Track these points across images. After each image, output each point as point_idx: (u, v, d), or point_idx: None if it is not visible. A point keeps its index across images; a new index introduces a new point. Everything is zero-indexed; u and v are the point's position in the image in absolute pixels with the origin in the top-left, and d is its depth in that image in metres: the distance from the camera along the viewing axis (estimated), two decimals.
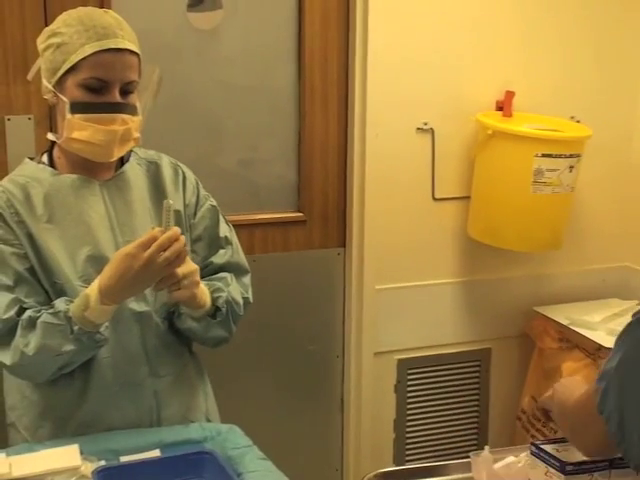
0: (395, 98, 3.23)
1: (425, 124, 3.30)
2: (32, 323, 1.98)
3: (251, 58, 3.17)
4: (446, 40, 3.26)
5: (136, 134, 2.10)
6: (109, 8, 2.78)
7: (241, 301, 2.20)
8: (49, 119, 2.90)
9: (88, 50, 1.99)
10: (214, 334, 2.17)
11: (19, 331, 1.98)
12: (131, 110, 2.06)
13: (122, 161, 2.18)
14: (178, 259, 1.94)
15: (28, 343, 1.97)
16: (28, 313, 1.99)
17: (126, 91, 2.04)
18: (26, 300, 2.02)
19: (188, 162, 2.31)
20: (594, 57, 3.48)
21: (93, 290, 1.95)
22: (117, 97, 2.02)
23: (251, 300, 2.26)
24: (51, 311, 1.98)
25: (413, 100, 3.27)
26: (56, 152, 2.14)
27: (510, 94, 3.28)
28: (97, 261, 2.05)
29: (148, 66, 2.17)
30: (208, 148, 3.18)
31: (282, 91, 3.23)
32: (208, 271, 2.21)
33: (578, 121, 3.44)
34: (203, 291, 2.09)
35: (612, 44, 3.50)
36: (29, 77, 2.17)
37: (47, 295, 2.05)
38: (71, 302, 1.98)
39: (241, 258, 2.29)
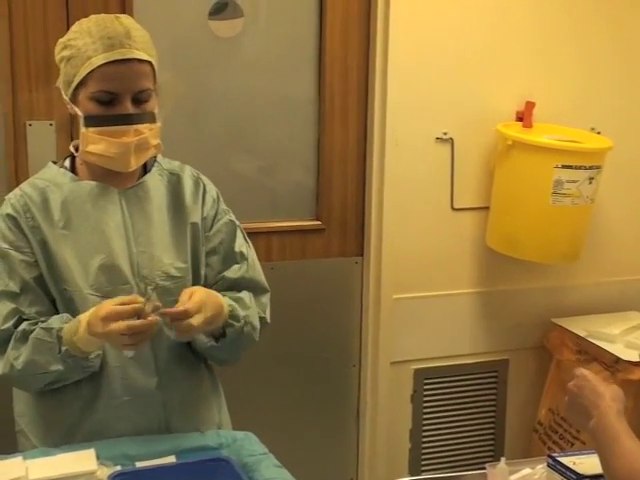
0: (415, 107, 3.23)
1: (445, 134, 3.30)
2: (25, 337, 2.00)
3: (272, 66, 3.17)
4: (467, 50, 3.26)
5: (155, 141, 2.08)
6: (131, 14, 2.81)
7: (258, 325, 2.17)
8: (70, 125, 2.92)
9: (95, 63, 1.98)
10: (217, 356, 2.17)
11: (12, 343, 2.00)
12: (146, 118, 2.05)
13: (145, 169, 2.17)
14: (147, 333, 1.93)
15: (18, 356, 1.99)
16: (23, 326, 2.01)
17: (139, 100, 2.02)
18: (27, 311, 2.03)
19: (206, 169, 2.31)
20: (615, 68, 3.46)
21: (85, 317, 1.96)
22: (129, 108, 2.01)
23: (268, 320, 2.23)
24: (44, 326, 1.99)
25: (433, 109, 3.26)
26: (78, 158, 2.14)
27: (530, 105, 3.28)
28: (109, 270, 2.05)
29: (165, 74, 2.17)
30: (227, 155, 3.19)
31: (302, 99, 3.24)
32: (220, 286, 2.18)
33: (598, 132, 3.43)
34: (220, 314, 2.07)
35: (634, 55, 3.48)
36: (57, 84, 2.14)
37: (52, 304, 2.06)
38: (67, 322, 1.99)
39: (257, 275, 2.24)
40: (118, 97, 2.00)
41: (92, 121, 2.02)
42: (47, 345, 1.98)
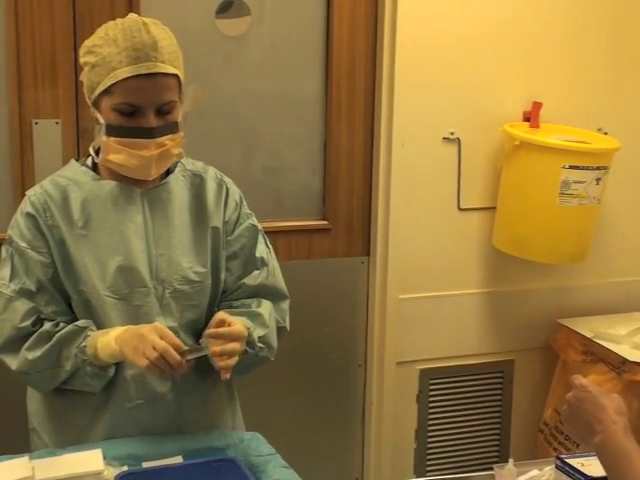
0: (422, 107, 3.23)
1: (452, 134, 3.29)
2: (49, 337, 2.00)
3: (278, 65, 3.17)
4: (474, 50, 3.25)
5: (177, 150, 2.06)
6: (137, 14, 2.81)
7: (275, 344, 2.15)
8: (76, 123, 2.92)
9: (119, 75, 1.95)
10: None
11: (31, 342, 2.00)
12: (170, 129, 2.02)
13: (168, 170, 2.14)
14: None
15: (36, 351, 2.00)
16: (47, 327, 2.01)
17: (163, 111, 2.00)
18: (44, 310, 2.03)
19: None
20: (622, 69, 3.46)
21: (117, 331, 1.97)
22: (151, 121, 1.98)
23: (287, 328, 2.22)
24: (73, 325, 2.01)
25: (440, 110, 3.26)
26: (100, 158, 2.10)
27: (537, 105, 3.27)
28: (127, 272, 2.04)
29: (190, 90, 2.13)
30: (233, 154, 3.18)
31: (309, 98, 3.23)
32: (240, 293, 2.17)
33: (605, 133, 3.42)
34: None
35: None
36: (81, 78, 2.10)
37: (68, 305, 2.06)
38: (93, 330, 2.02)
39: (278, 282, 2.23)
40: (141, 109, 1.97)
41: (114, 131, 1.99)
42: (70, 341, 1.99)
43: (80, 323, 2.02)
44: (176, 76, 2.01)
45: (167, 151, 2.03)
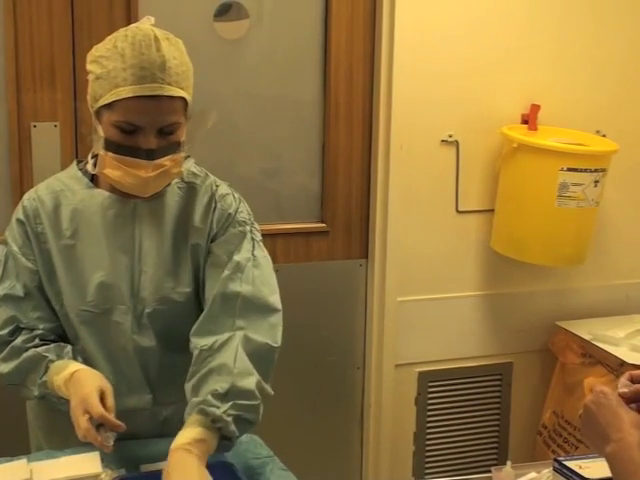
0: (420, 110, 3.23)
1: (450, 136, 3.29)
2: (19, 353, 2.00)
3: (276, 68, 3.17)
4: (472, 52, 3.26)
5: (176, 170, 1.99)
6: (135, 17, 2.82)
7: (253, 385, 1.90)
8: (74, 126, 2.92)
9: (122, 94, 1.88)
10: None
11: (4, 354, 2.01)
12: (171, 150, 1.96)
13: None
14: None
15: (8, 365, 2.01)
16: (19, 342, 2.01)
17: (165, 132, 1.93)
18: (29, 315, 2.02)
19: (211, 171, 2.24)
20: (620, 71, 3.46)
21: (62, 378, 1.94)
22: (151, 142, 1.91)
23: (277, 345, 1.98)
24: (41, 351, 1.99)
25: (438, 112, 3.26)
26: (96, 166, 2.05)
27: (535, 107, 3.27)
28: (108, 288, 2.01)
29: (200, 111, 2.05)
30: (231, 157, 3.18)
31: (307, 101, 3.23)
32: (213, 302, 1.99)
33: (604, 135, 3.42)
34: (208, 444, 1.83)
35: (639, 58, 3.48)
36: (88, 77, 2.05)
37: (54, 310, 2.05)
38: (62, 357, 1.99)
39: (260, 292, 2.00)
40: (142, 129, 1.90)
41: (112, 147, 1.93)
42: (33, 367, 1.99)
43: (41, 350, 2.00)
44: (182, 99, 1.96)
45: (166, 171, 1.96)
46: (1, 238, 2.14)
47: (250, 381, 1.90)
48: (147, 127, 1.91)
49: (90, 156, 2.07)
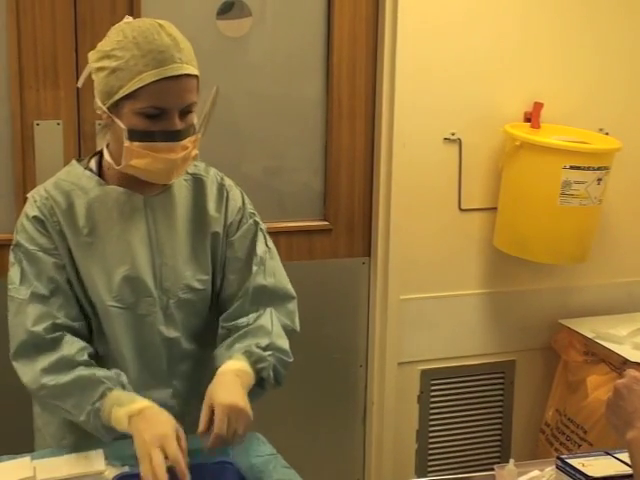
0: (423, 108, 3.23)
1: (453, 134, 3.29)
2: (71, 364, 1.94)
3: (279, 66, 3.17)
4: (474, 51, 3.26)
5: (195, 152, 2.03)
6: (139, 14, 2.82)
7: (287, 346, 2.09)
8: (77, 124, 2.92)
9: (146, 79, 1.90)
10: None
11: (52, 363, 1.94)
12: (190, 131, 1.99)
13: None
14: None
15: (57, 378, 1.93)
16: (69, 352, 1.94)
17: (185, 112, 1.97)
18: (58, 314, 1.98)
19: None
20: (623, 69, 3.46)
21: (125, 413, 1.88)
22: (176, 124, 1.95)
23: (297, 329, 2.18)
24: (101, 374, 1.93)
25: (441, 110, 3.26)
26: (106, 162, 2.07)
27: (538, 105, 3.27)
28: (133, 282, 2.02)
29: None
30: (234, 155, 3.18)
31: (309, 99, 3.23)
32: (244, 300, 2.11)
33: (607, 133, 3.42)
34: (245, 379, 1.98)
35: None
36: (79, 85, 2.10)
37: (81, 309, 2.03)
38: (121, 383, 1.95)
39: (279, 282, 2.17)
40: (167, 112, 1.93)
41: (138, 136, 1.94)
42: (86, 390, 1.91)
43: (100, 374, 1.94)
44: (196, 77, 2.00)
45: (188, 154, 2.00)
46: (3, 236, 2.13)
47: (286, 342, 2.10)
48: (171, 109, 1.94)
49: (105, 153, 2.07)
